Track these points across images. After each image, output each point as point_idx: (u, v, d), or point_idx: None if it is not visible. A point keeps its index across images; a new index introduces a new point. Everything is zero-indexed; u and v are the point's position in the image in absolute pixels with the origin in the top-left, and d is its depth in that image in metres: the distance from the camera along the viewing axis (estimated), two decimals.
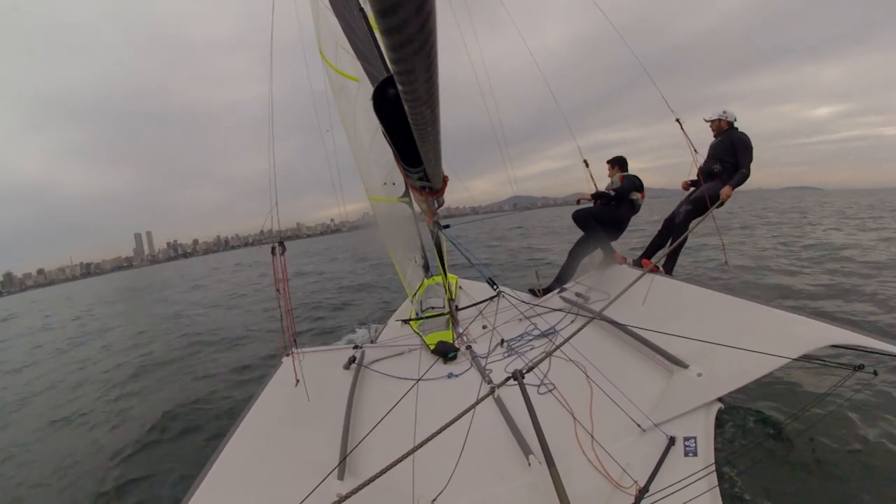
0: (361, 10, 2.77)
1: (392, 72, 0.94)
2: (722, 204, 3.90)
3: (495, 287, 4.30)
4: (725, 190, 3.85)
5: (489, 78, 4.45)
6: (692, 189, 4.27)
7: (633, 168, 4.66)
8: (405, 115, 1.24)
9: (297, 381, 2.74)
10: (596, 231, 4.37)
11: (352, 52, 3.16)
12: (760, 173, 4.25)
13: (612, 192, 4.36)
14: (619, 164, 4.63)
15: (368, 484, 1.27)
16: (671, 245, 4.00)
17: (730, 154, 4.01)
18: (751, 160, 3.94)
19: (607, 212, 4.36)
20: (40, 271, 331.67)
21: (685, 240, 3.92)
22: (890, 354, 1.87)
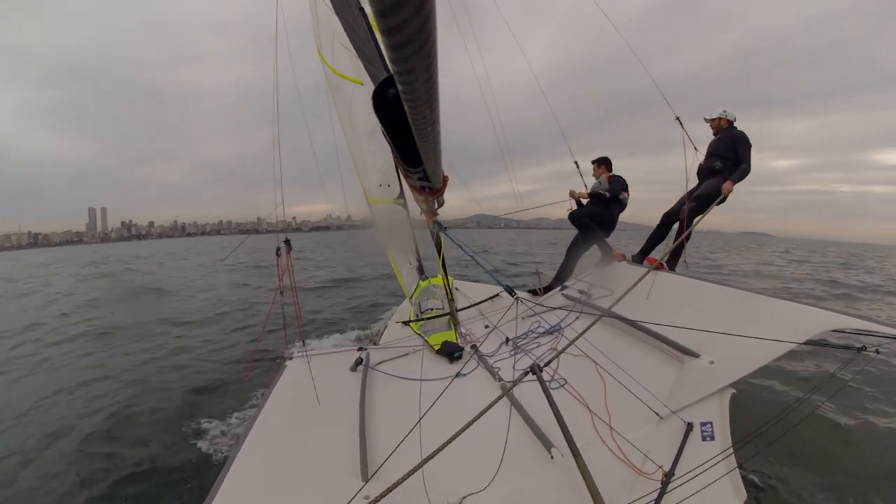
0: (361, 9, 2.76)
1: (392, 72, 0.93)
2: (724, 199, 3.95)
3: (514, 294, 4.18)
4: (727, 185, 3.89)
5: (493, 94, 4.49)
6: (695, 185, 4.29)
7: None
8: (405, 115, 1.24)
9: (312, 381, 2.72)
10: (592, 230, 4.46)
11: (353, 50, 3.16)
12: (719, 216, 4.40)
13: (607, 193, 4.44)
14: (605, 164, 4.73)
15: (399, 484, 1.28)
16: (675, 242, 4.02)
17: (730, 151, 4.06)
18: (750, 156, 3.99)
19: (599, 211, 4.48)
20: None
21: (689, 236, 3.94)
22: (888, 336, 1.96)
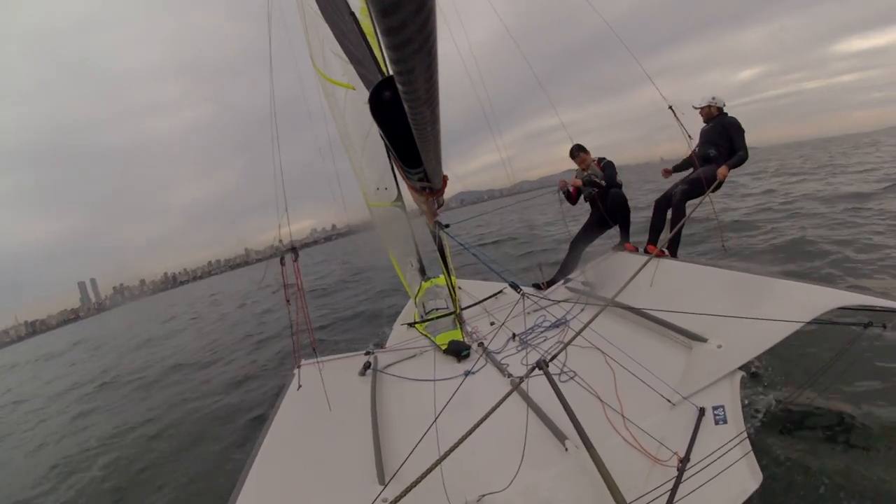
0: (352, 14, 2.77)
1: (392, 72, 0.94)
2: (720, 185, 3.97)
3: (519, 290, 4.17)
4: (722, 170, 3.90)
5: (479, 70, 4.40)
6: (689, 171, 4.29)
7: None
8: (403, 116, 1.24)
9: (323, 387, 2.71)
10: (625, 217, 4.51)
11: (344, 56, 3.17)
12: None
13: (602, 182, 4.44)
14: (584, 150, 4.58)
15: (416, 485, 1.29)
16: (672, 230, 4.04)
17: (724, 138, 4.07)
18: (745, 142, 4.02)
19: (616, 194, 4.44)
20: None
21: (683, 225, 3.96)
22: (894, 311, 1.96)
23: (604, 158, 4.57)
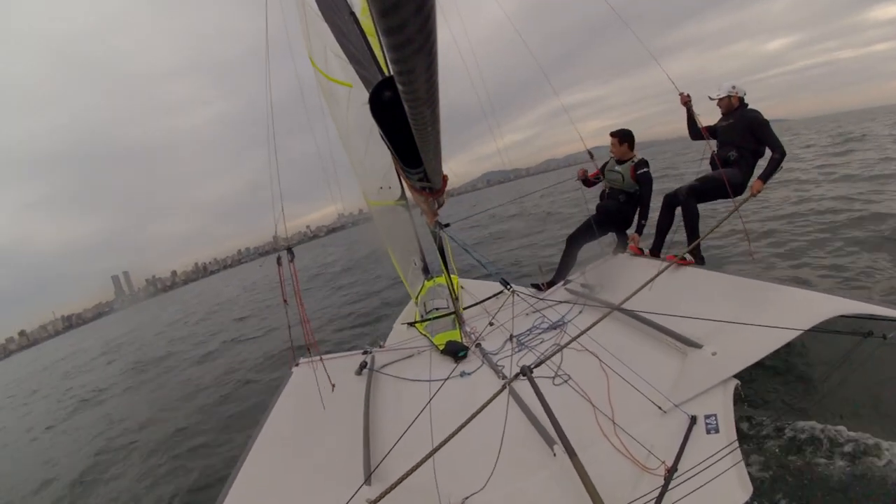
0: (352, 14, 2.77)
1: (392, 72, 0.94)
2: (741, 192, 3.58)
3: (509, 287, 4.05)
4: (756, 185, 3.42)
5: (475, 55, 4.30)
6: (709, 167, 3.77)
7: (599, 127, 4.33)
8: (403, 116, 1.24)
9: (333, 385, 2.70)
10: (612, 227, 4.36)
11: (344, 57, 3.16)
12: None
13: (632, 191, 4.10)
14: (628, 141, 4.04)
15: (397, 486, 1.28)
16: (687, 230, 3.67)
17: (747, 138, 3.57)
18: (776, 137, 3.45)
19: (622, 207, 4.20)
20: (22, 333, 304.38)
21: (696, 220, 3.63)
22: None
23: (643, 164, 4.02)
